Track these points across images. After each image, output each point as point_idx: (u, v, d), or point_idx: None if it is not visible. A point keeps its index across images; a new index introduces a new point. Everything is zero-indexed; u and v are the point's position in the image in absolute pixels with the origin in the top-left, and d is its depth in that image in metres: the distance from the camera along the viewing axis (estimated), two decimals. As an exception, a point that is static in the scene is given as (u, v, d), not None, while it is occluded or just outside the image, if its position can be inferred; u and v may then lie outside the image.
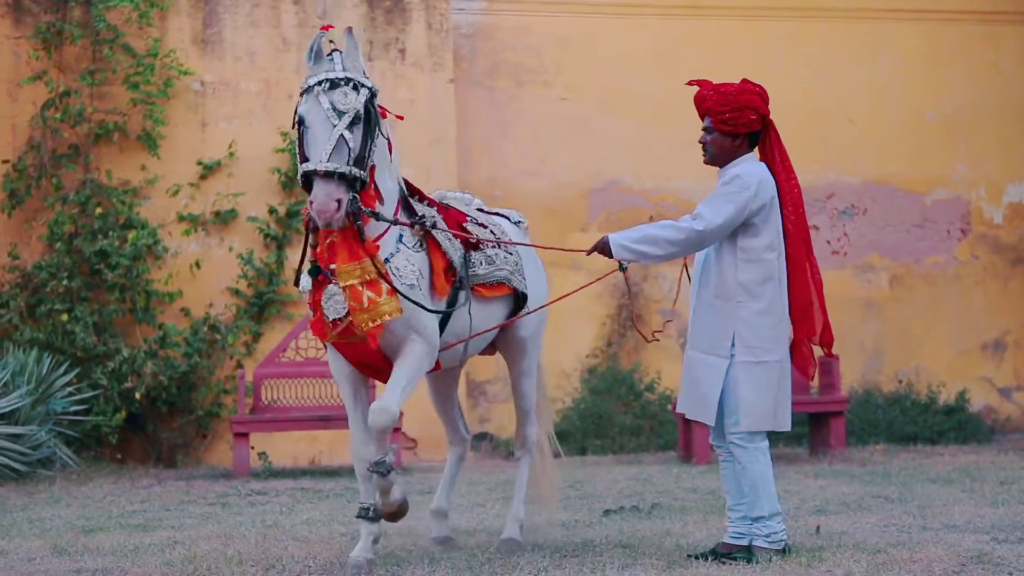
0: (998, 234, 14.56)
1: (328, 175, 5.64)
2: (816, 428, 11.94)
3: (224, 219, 12.97)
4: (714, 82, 6.22)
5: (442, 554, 6.40)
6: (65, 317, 12.33)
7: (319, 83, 5.75)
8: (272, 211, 13.02)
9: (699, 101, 6.21)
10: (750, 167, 6.06)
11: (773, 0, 14.20)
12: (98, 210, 12.57)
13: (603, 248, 5.99)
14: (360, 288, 5.82)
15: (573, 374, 13.55)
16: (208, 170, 13.00)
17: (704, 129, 6.18)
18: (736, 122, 6.06)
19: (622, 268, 6.10)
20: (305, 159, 5.71)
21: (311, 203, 5.66)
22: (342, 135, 5.68)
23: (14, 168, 12.66)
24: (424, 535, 7.02)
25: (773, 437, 12.86)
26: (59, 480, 10.79)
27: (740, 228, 5.96)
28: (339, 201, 5.63)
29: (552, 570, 5.84)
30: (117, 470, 11.76)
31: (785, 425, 6.06)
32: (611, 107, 13.66)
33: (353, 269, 5.82)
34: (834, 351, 12.75)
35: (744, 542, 6.03)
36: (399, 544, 6.84)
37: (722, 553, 5.97)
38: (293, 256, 12.86)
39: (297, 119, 5.81)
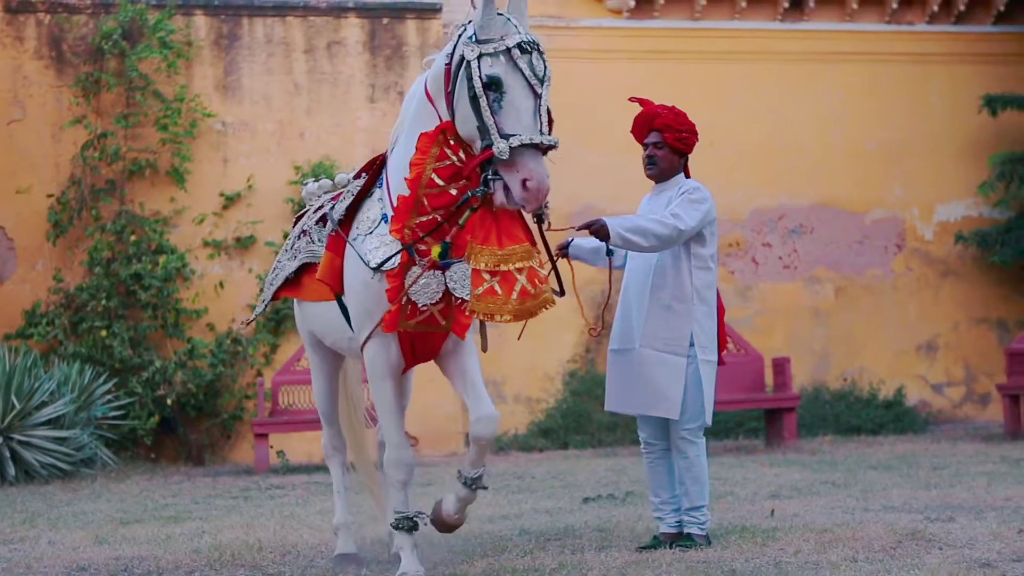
0: (929, 249, 14.60)
1: (545, 150, 4.61)
2: (771, 422, 11.95)
3: (244, 244, 12.98)
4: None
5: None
6: (104, 333, 12.32)
7: (517, 46, 4.62)
8: (287, 236, 13.00)
9: (651, 117, 5.86)
10: (697, 183, 5.83)
11: (731, 45, 14.25)
12: (132, 238, 12.58)
13: (599, 230, 5.53)
14: (517, 275, 4.77)
15: (556, 377, 13.55)
16: (229, 201, 13.02)
17: (655, 144, 5.84)
18: (688, 142, 5.84)
19: (609, 253, 5.71)
20: (497, 127, 4.57)
21: (524, 180, 4.52)
22: (549, 106, 4.68)
23: (58, 201, 12.66)
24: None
25: (735, 430, 12.93)
26: (99, 478, 10.77)
27: (694, 237, 5.73)
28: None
29: (537, 552, 5.83)
30: (151, 468, 11.73)
31: (710, 421, 5.88)
32: (586, 139, 13.68)
33: (512, 253, 4.78)
34: (787, 354, 12.83)
35: (677, 530, 5.85)
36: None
37: (673, 543, 5.75)
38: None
39: (485, 80, 4.60)
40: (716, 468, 10.03)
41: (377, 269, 4.91)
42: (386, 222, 4.98)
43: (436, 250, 4.86)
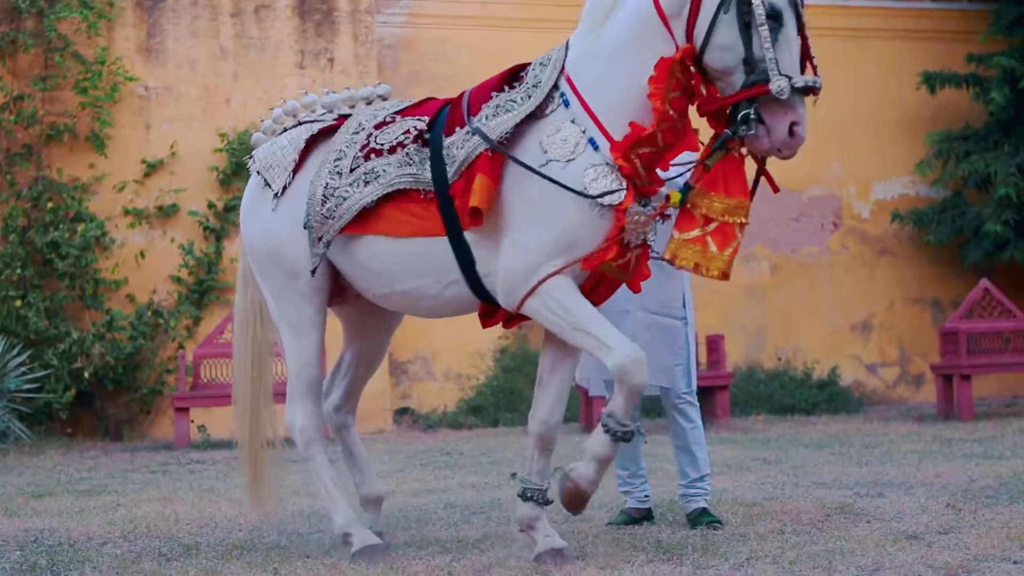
0: (865, 227, 14.77)
1: (816, 94, 4.43)
2: (704, 400, 11.95)
3: (167, 213, 12.83)
4: None
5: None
6: (19, 303, 12.12)
7: None
8: (211, 206, 12.91)
9: None
10: None
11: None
12: (49, 204, 12.37)
13: None
14: (738, 231, 4.60)
15: (487, 354, 13.55)
16: (152, 168, 12.84)
17: None
18: None
19: None
20: (765, 63, 4.36)
21: (793, 124, 4.38)
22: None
23: (-30, 166, 12.44)
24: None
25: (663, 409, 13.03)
26: (12, 452, 10.62)
27: None
28: None
29: (461, 524, 5.84)
30: (67, 443, 11.58)
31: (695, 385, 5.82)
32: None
33: (740, 206, 4.59)
34: (721, 332, 12.81)
35: (646, 505, 5.79)
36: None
37: (704, 519, 5.51)
38: (230, 247, 12.77)
39: (768, 10, 4.39)
40: (648, 445, 10.09)
41: (596, 199, 4.50)
42: (595, 147, 4.58)
43: (677, 196, 4.61)
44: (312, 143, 5.19)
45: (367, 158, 4.96)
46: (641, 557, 4.73)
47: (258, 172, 5.32)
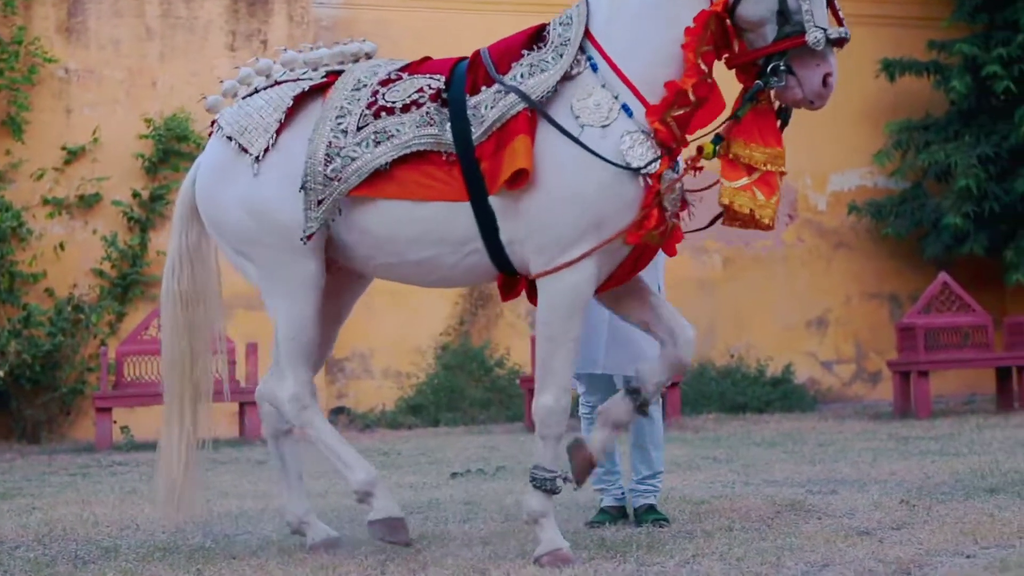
0: (822, 220, 14.90)
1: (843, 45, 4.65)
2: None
3: (88, 203, 12.72)
4: None
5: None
6: (-71, 297, 11.99)
7: None
8: (136, 195, 12.81)
9: None
10: None
11: None
12: (-38, 193, 12.24)
13: None
14: (779, 179, 4.78)
15: (427, 351, 13.53)
16: (72, 155, 12.73)
17: None
18: None
19: None
20: (800, 14, 4.56)
21: (827, 75, 4.60)
22: None
23: None
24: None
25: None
26: (-78, 455, 10.49)
27: None
28: None
29: (397, 524, 5.83)
30: (-20, 446, 11.46)
31: None
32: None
33: (778, 155, 4.77)
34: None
35: (622, 503, 5.80)
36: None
37: (646, 519, 5.58)
38: (156, 239, 12.68)
39: None
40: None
41: (639, 171, 4.57)
42: (629, 113, 4.64)
43: (710, 147, 4.68)
44: (300, 101, 5.02)
45: (377, 116, 4.83)
46: (583, 555, 4.74)
47: (228, 137, 5.08)
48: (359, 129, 4.82)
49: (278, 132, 4.99)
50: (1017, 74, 13.62)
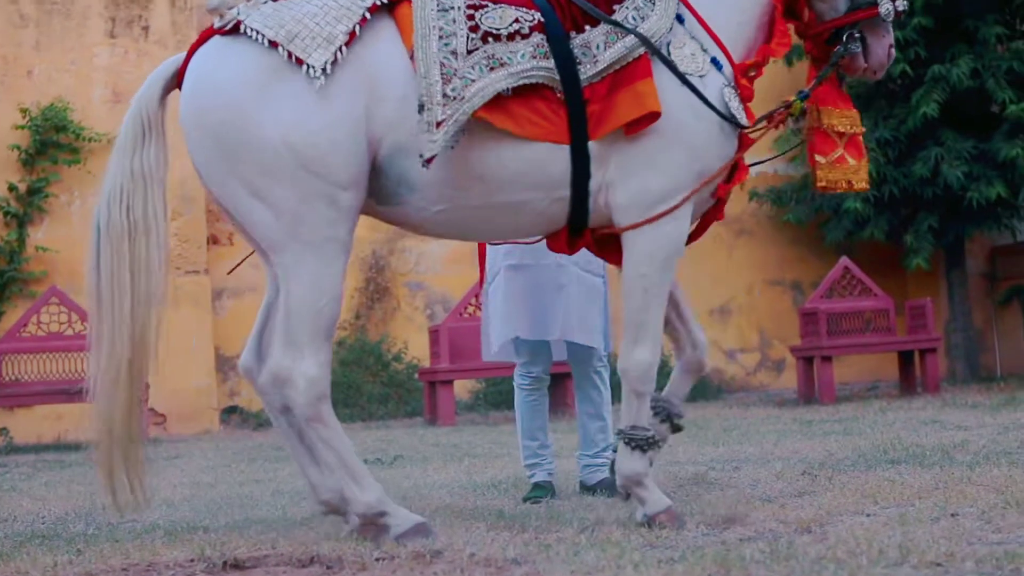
0: (725, 208, 15.03)
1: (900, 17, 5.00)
2: (553, 387, 12.09)
3: (-38, 197, 12.47)
4: None
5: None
6: None
7: None
8: (12, 188, 12.59)
9: None
10: None
11: None
12: None
13: None
14: (862, 139, 5.08)
15: (322, 347, 13.44)
16: (-57, 147, 12.49)
17: None
18: None
19: None
20: None
21: (891, 46, 5.01)
22: None
23: None
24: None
25: (511, 396, 13.12)
26: None
27: None
28: None
29: (289, 507, 5.82)
30: None
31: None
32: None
33: (856, 116, 5.07)
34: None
35: (550, 480, 5.80)
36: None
37: (597, 491, 5.69)
38: (35, 234, 12.48)
39: None
40: (495, 434, 10.17)
41: (739, 126, 4.73)
42: (718, 67, 4.71)
43: (798, 103, 4.88)
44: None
45: (484, 41, 4.53)
46: (481, 526, 4.75)
47: (270, 42, 4.45)
48: (469, 53, 4.50)
49: (347, 45, 4.46)
50: (913, 57, 13.88)
